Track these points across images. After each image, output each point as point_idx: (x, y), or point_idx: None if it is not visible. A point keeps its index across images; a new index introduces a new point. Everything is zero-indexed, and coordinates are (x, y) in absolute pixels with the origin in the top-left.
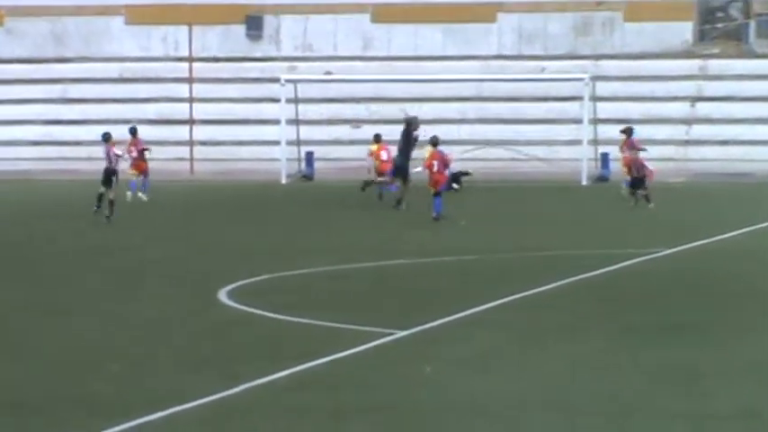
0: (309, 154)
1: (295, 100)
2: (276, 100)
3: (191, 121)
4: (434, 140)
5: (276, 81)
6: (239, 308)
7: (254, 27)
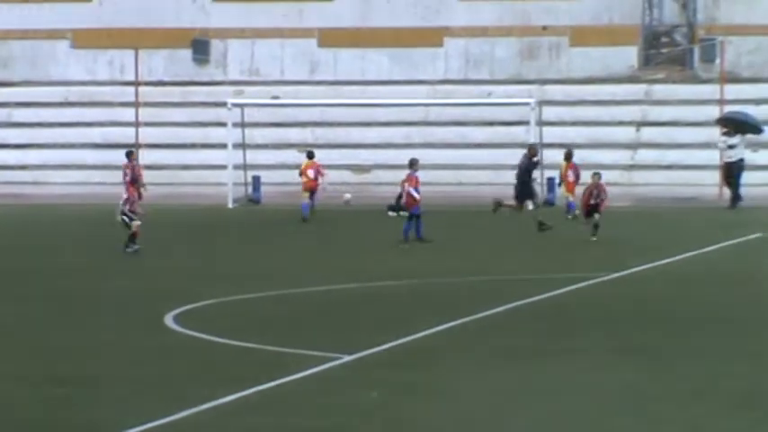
0: (256, 178)
1: (242, 124)
2: (223, 124)
3: (136, 146)
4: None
5: (223, 105)
6: (185, 332)
7: (200, 51)
